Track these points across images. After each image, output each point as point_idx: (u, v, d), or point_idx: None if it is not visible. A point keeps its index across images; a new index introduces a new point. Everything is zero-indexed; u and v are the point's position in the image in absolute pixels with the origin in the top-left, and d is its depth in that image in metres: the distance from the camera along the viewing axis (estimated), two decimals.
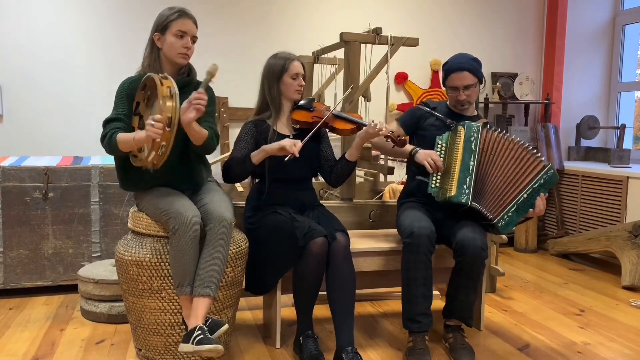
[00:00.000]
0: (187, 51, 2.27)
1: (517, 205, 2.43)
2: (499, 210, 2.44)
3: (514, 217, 2.44)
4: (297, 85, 2.51)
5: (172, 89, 2.01)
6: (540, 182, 2.44)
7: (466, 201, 2.44)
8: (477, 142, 2.50)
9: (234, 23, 4.15)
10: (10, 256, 3.10)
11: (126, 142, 2.09)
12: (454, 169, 2.49)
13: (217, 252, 2.17)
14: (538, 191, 2.44)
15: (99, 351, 2.47)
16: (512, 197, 2.44)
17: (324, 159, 2.61)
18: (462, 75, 2.54)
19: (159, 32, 2.27)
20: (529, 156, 2.48)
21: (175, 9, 2.27)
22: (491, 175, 2.49)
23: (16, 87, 3.73)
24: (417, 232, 2.35)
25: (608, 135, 4.97)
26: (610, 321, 2.97)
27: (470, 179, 2.47)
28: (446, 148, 2.53)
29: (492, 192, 2.47)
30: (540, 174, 2.44)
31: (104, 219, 3.23)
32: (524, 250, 4.48)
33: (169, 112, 1.98)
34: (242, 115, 4.07)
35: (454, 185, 2.46)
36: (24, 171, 3.09)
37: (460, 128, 2.54)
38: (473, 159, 2.49)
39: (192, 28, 2.29)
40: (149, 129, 1.96)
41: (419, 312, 2.37)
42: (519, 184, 2.45)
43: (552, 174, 2.46)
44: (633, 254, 3.60)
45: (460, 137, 2.52)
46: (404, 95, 4.59)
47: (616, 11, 4.90)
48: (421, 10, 4.59)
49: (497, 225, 2.44)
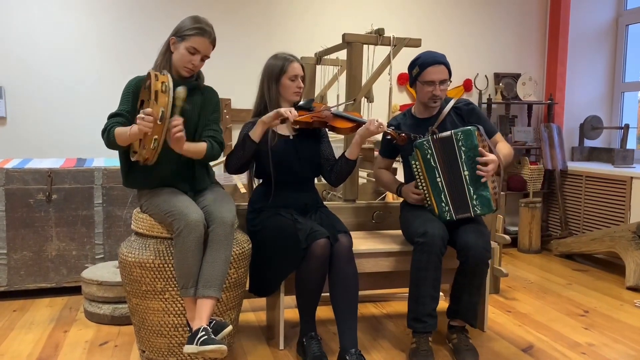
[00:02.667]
0: (193, 67, 2.28)
1: (471, 185, 2.40)
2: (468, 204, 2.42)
3: (480, 193, 2.39)
4: (295, 87, 2.50)
5: (166, 83, 2.03)
6: (462, 149, 2.39)
7: (450, 218, 2.46)
8: (435, 157, 2.47)
9: (238, 24, 4.15)
10: (14, 258, 3.10)
11: (122, 136, 2.11)
12: (429, 192, 2.50)
13: (219, 253, 2.17)
14: (469, 155, 2.38)
15: (103, 353, 2.48)
16: (464, 183, 2.42)
17: (324, 158, 2.61)
18: (440, 68, 2.52)
19: (175, 38, 2.27)
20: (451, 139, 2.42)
21: (200, 25, 2.26)
22: (452, 178, 2.46)
23: (19, 89, 3.74)
24: (431, 232, 2.35)
25: (612, 135, 4.96)
26: (614, 322, 2.96)
27: (445, 194, 2.47)
28: (420, 165, 2.51)
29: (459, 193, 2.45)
30: (460, 140, 2.39)
31: (108, 221, 3.24)
32: (527, 251, 4.47)
33: (161, 106, 2.01)
34: (245, 116, 4.07)
35: (435, 207, 2.49)
36: (28, 173, 3.10)
37: (416, 149, 2.50)
38: (439, 175, 2.47)
39: (207, 48, 2.28)
40: (139, 122, 2.00)
41: (425, 312, 2.37)
42: (460, 166, 2.42)
43: (465, 130, 2.38)
44: (637, 255, 3.58)
45: (419, 159, 2.50)
46: (406, 96, 4.59)
47: (619, 11, 4.89)
48: (424, 11, 4.59)
49: (477, 214, 2.42)
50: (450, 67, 2.57)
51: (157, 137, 2.03)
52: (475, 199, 2.41)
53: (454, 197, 2.46)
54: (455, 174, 2.44)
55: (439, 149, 2.46)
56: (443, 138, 2.45)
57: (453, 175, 2.45)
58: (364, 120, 2.49)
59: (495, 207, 2.43)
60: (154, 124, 2.00)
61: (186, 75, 2.30)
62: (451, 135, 2.43)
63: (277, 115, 2.33)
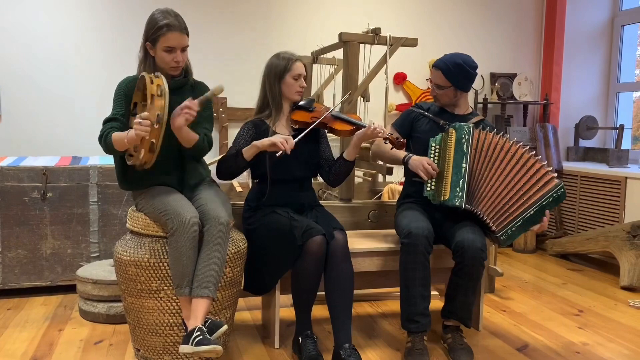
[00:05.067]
0: (177, 64, 2.25)
1: (522, 221, 2.40)
2: (503, 224, 2.42)
3: (517, 231, 2.42)
4: (298, 87, 2.50)
5: (162, 87, 2.02)
6: (549, 200, 2.39)
7: (460, 204, 2.44)
8: (469, 143, 2.48)
9: (233, 23, 4.15)
10: (8, 256, 3.09)
11: (120, 141, 2.10)
12: (447, 172, 2.47)
13: (215, 252, 2.16)
14: (545, 208, 2.39)
15: (98, 351, 2.47)
16: (518, 211, 2.41)
17: (322, 158, 2.61)
18: (436, 73, 2.59)
19: (150, 42, 2.24)
20: (538, 166, 2.43)
21: (164, 22, 2.19)
22: (490, 179, 2.46)
23: (14, 87, 3.73)
24: (415, 232, 2.35)
25: (607, 135, 4.98)
26: (608, 321, 2.98)
27: (464, 182, 2.45)
28: (440, 150, 2.51)
29: (493, 199, 2.44)
30: (552, 192, 2.39)
31: (103, 219, 3.23)
32: (522, 250, 4.48)
33: (158, 109, 2.00)
34: (241, 115, 4.07)
35: (447, 189, 2.46)
36: (23, 171, 3.08)
37: (452, 130, 2.51)
38: (465, 161, 2.47)
39: (181, 40, 2.22)
40: (136, 127, 1.98)
41: (417, 312, 2.37)
42: (527, 198, 2.40)
43: (562, 193, 2.39)
44: (631, 254, 3.60)
45: (451, 139, 2.49)
46: (402, 96, 4.59)
47: (615, 12, 4.91)
48: (420, 11, 4.60)
49: (500, 239, 2.43)
50: (453, 74, 2.54)
51: (154, 140, 2.02)
52: (514, 226, 2.41)
53: (473, 189, 2.46)
54: (499, 177, 2.45)
55: (482, 142, 2.48)
56: (495, 136, 2.49)
57: (492, 172, 2.46)
58: (364, 123, 2.49)
59: (506, 245, 2.48)
60: (151, 127, 1.99)
61: (175, 74, 2.29)
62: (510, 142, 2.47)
63: (272, 145, 2.31)
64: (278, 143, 2.28)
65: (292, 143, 2.30)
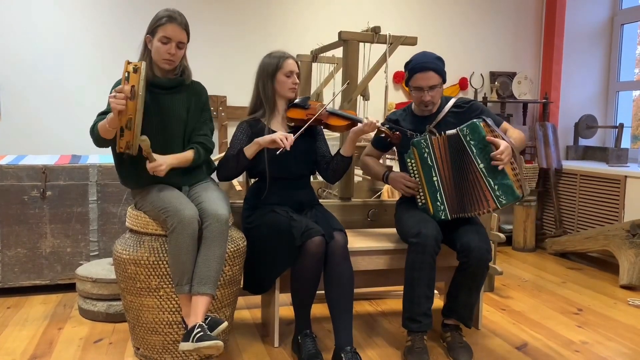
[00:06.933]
0: (170, 57, 2.25)
1: (489, 177, 2.34)
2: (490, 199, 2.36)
3: (501, 182, 2.33)
4: (291, 83, 2.51)
5: (137, 66, 2.05)
6: (472, 143, 2.35)
7: (445, 217, 2.45)
8: (432, 155, 2.46)
9: (234, 22, 4.14)
10: (8, 255, 3.09)
11: (102, 127, 2.13)
12: (425, 189, 2.48)
13: (214, 250, 2.16)
14: (480, 147, 2.34)
15: (97, 350, 2.47)
16: (482, 181, 2.36)
17: (320, 155, 2.61)
18: (427, 75, 2.48)
19: (149, 35, 2.26)
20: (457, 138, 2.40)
21: (166, 14, 2.24)
22: (463, 178, 2.43)
23: (14, 85, 3.72)
24: (425, 232, 2.35)
25: (606, 134, 4.98)
26: (608, 320, 2.98)
27: (441, 194, 2.45)
28: (416, 163, 2.50)
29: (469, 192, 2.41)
30: (467, 135, 2.37)
31: (102, 218, 3.23)
32: (522, 249, 4.49)
33: (132, 83, 2.02)
34: (241, 113, 4.06)
35: (430, 205, 2.47)
36: (22, 170, 3.08)
37: (412, 148, 2.49)
38: (435, 174, 2.46)
39: (179, 34, 2.24)
40: (111, 100, 2.01)
41: (420, 312, 2.37)
42: (473, 160, 2.37)
43: (470, 124, 2.36)
44: (631, 253, 3.60)
45: (415, 157, 2.49)
46: (402, 94, 4.59)
47: (615, 10, 4.91)
48: (420, 9, 4.59)
49: (503, 204, 2.34)
50: (443, 70, 2.52)
51: (131, 115, 2.04)
52: (497, 190, 2.34)
53: (449, 197, 2.45)
54: (467, 171, 2.40)
55: (445, 148, 2.44)
56: (450, 136, 2.43)
57: (463, 172, 2.42)
58: (359, 118, 2.50)
59: (521, 194, 2.34)
60: (126, 101, 2.01)
61: (167, 68, 2.28)
62: (457, 132, 2.41)
63: (272, 142, 2.34)
64: (278, 140, 2.31)
65: (291, 139, 2.33)
